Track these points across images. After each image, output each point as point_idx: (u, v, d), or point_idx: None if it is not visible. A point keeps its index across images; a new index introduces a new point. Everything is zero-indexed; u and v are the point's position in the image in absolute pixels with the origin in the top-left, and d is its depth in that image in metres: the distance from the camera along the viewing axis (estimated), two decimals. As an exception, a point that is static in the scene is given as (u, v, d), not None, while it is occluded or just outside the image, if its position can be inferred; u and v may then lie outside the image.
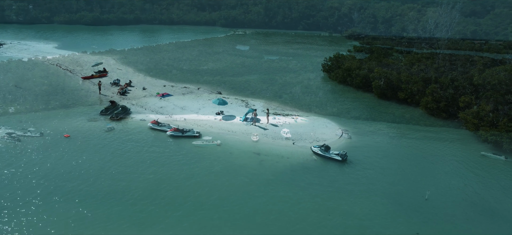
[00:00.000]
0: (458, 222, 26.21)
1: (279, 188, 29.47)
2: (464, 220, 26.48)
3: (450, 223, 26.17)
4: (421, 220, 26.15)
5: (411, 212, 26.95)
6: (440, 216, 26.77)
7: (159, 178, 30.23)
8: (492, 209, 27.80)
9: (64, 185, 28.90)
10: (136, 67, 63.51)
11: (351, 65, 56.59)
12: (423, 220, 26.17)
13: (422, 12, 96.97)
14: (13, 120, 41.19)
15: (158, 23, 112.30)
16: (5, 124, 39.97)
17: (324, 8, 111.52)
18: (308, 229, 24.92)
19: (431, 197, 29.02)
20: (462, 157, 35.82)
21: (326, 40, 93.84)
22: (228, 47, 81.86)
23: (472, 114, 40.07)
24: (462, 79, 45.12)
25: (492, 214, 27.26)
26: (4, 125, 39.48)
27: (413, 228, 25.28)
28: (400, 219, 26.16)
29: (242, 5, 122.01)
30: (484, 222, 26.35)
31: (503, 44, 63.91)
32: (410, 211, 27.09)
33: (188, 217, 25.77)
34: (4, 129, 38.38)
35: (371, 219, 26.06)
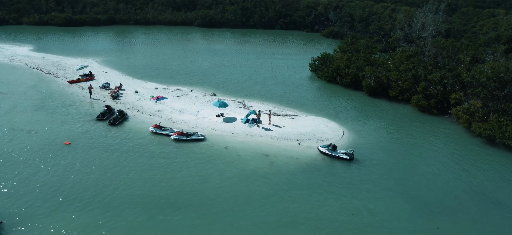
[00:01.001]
0: (472, 213, 27.58)
1: (299, 190, 29.98)
2: (477, 211, 27.91)
3: (465, 214, 27.51)
4: (438, 214, 27.30)
5: (428, 207, 28.09)
6: (454, 209, 28.07)
7: (176, 184, 30.02)
8: (500, 200, 29.40)
9: (83, 195, 28.27)
10: (121, 69, 62.13)
11: (339, 64, 57.76)
12: (440, 214, 27.33)
13: (396, 10, 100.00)
14: (5, 127, 39.49)
15: (133, 24, 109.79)
16: None
17: (300, 7, 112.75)
18: (341, 230, 25.52)
19: (441, 190, 30.34)
20: (460, 150, 37.58)
21: (306, 39, 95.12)
22: (210, 48, 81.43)
23: (463, 110, 41.97)
24: (450, 76, 47.10)
25: (500, 205, 28.83)
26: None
27: (433, 223, 26.37)
28: (419, 215, 27.21)
29: (218, 5, 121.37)
30: (495, 212, 27.85)
31: (479, 41, 67.13)
32: (426, 206, 28.22)
33: (220, 224, 25.81)
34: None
35: (394, 216, 27.03)
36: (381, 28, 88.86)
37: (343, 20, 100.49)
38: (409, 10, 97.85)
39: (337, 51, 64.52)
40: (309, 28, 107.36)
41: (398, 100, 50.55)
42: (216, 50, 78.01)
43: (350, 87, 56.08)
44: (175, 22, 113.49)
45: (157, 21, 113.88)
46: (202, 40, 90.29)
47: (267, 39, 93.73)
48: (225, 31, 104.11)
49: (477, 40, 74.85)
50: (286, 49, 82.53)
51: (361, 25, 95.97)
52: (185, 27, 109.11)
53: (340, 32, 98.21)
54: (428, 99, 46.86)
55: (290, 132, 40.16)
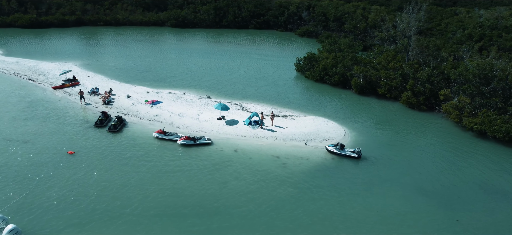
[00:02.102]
0: (485, 203, 29.41)
1: (322, 190, 30.78)
2: (488, 201, 29.79)
3: (480, 204, 29.31)
4: (455, 207, 28.93)
5: (444, 201, 29.67)
6: (468, 200, 29.81)
7: (199, 192, 29.96)
8: (504, 190, 31.49)
9: (111, 208, 27.73)
10: (105, 73, 60.40)
11: (326, 64, 59.12)
12: (456, 207, 28.97)
13: (367, 9, 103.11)
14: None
15: (103, 25, 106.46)
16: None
17: (273, 7, 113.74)
18: (378, 228, 26.49)
19: (451, 183, 32.08)
20: (457, 144, 39.78)
21: (283, 39, 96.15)
22: (191, 49, 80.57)
23: (453, 106, 44.35)
24: (437, 74, 49.52)
25: (505, 194, 30.91)
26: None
27: (453, 215, 27.93)
28: (438, 208, 28.70)
29: (189, 4, 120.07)
30: (503, 201, 29.84)
31: (453, 39, 70.75)
32: (442, 200, 29.79)
33: (258, 229, 26.11)
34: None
35: (416, 211, 28.41)
36: (356, 27, 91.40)
37: (317, 19, 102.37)
38: (379, 9, 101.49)
39: (321, 51, 65.86)
40: (282, 27, 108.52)
41: (386, 98, 52.45)
42: (198, 51, 77.40)
43: (338, 86, 57.50)
44: (146, 22, 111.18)
45: (128, 22, 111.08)
46: (179, 41, 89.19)
47: (245, 39, 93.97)
48: (199, 32, 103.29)
49: (445, 38, 78.59)
50: (267, 49, 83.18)
51: (335, 24, 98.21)
52: (158, 28, 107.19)
53: (314, 31, 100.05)
54: (417, 96, 49.03)
55: (294, 132, 40.85)
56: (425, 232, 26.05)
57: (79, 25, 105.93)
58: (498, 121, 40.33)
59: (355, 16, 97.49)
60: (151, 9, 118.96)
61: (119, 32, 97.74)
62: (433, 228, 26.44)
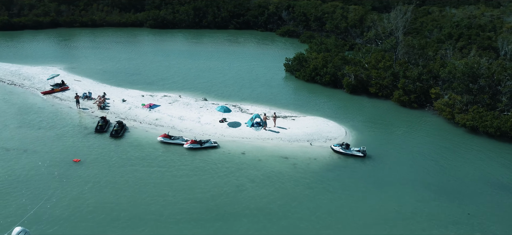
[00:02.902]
0: (491, 197, 31.04)
1: (337, 189, 31.65)
2: (493, 195, 31.45)
3: (485, 197, 30.91)
4: (464, 201, 30.40)
5: (452, 195, 31.08)
6: (473, 194, 31.36)
7: (217, 196, 30.10)
8: (504, 183, 33.32)
9: (134, 215, 27.53)
10: (93, 77, 59.03)
11: (317, 64, 60.19)
12: (465, 200, 30.45)
13: (345, 9, 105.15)
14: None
15: (79, 26, 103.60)
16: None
17: (252, 7, 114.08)
18: (390, 224, 27.49)
19: (456, 178, 33.62)
20: (453, 140, 41.63)
21: (265, 39, 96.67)
22: (175, 50, 79.75)
23: (445, 103, 46.30)
24: (425, 72, 51.49)
25: (506, 188, 32.73)
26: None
27: (464, 209, 29.36)
28: (449, 203, 30.06)
29: (167, 5, 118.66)
30: (505, 194, 31.60)
31: (433, 38, 73.55)
32: (451, 194, 31.19)
33: (281, 230, 26.61)
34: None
35: (429, 206, 29.59)
36: (337, 26, 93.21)
37: (298, 19, 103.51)
38: (357, 9, 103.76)
39: (310, 52, 66.90)
40: (263, 27, 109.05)
41: (378, 97, 53.99)
42: (184, 53, 76.73)
43: (329, 86, 58.57)
44: (124, 23, 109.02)
45: (105, 23, 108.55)
46: (162, 43, 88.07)
47: (229, 39, 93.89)
48: (179, 32, 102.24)
49: (421, 36, 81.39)
50: (252, 50, 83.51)
51: (316, 24, 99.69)
52: (136, 29, 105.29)
53: (295, 31, 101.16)
54: (408, 94, 50.79)
55: (297, 133, 41.52)
56: (442, 226, 27.24)
57: (54, 27, 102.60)
58: (489, 116, 42.47)
59: (335, 16, 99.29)
60: (128, 9, 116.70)
61: (97, 34, 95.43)
62: (448, 222, 27.71)
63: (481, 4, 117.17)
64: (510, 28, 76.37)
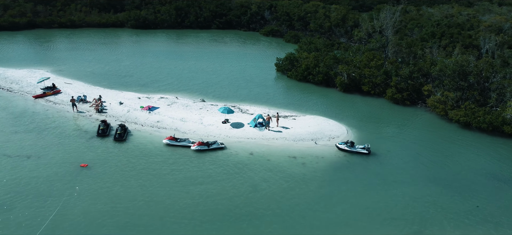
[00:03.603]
0: (495, 190, 32.60)
1: (350, 185, 32.51)
2: (494, 187, 33.08)
3: (489, 190, 32.46)
4: (470, 194, 31.83)
5: (456, 189, 32.46)
6: (477, 187, 32.86)
7: (235, 197, 30.39)
8: (503, 176, 35.05)
9: (151, 220, 27.45)
10: (83, 79, 57.77)
11: (308, 63, 61.09)
12: (472, 194, 31.89)
13: (327, 9, 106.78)
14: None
15: (58, 27, 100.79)
16: None
17: (233, 7, 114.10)
18: (408, 218, 28.57)
19: (459, 172, 35.09)
20: (447, 136, 43.32)
21: (250, 39, 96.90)
22: (162, 51, 78.59)
23: (437, 100, 48.06)
24: (416, 70, 53.23)
25: (503, 180, 34.44)
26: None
27: (471, 202, 30.75)
28: (456, 196, 31.41)
29: (147, 5, 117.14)
30: (506, 186, 33.26)
31: (417, 36, 75.91)
32: (454, 189, 32.57)
33: (305, 228, 27.23)
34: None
35: (437, 200, 30.83)
36: (321, 26, 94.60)
37: (281, 19, 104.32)
38: (339, 8, 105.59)
39: (300, 51, 67.73)
40: (245, 27, 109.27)
41: (371, 95, 55.35)
42: (173, 54, 75.99)
43: (321, 85, 59.50)
44: (104, 24, 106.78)
45: (84, 23, 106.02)
46: (148, 43, 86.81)
47: (214, 39, 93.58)
48: (162, 33, 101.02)
49: (402, 34, 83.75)
50: (239, 50, 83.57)
51: (300, 23, 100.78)
52: (117, 30, 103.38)
53: (279, 31, 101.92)
54: (401, 92, 52.37)
55: (300, 132, 42.16)
56: (455, 219, 28.49)
57: (31, 28, 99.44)
58: (480, 112, 44.43)
59: (318, 16, 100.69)
60: (107, 10, 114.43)
61: (78, 35, 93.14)
62: (459, 215, 29.00)
63: (454, 4, 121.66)
64: (487, 26, 79.72)
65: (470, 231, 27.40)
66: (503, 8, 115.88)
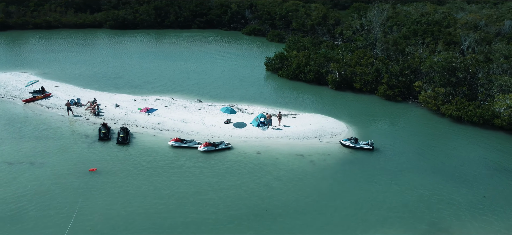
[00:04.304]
0: (492, 179, 34.22)
1: (361, 181, 33.36)
2: (493, 177, 34.72)
3: (489, 179, 34.11)
4: (474, 184, 33.27)
5: (460, 180, 33.88)
6: (480, 178, 34.39)
7: (251, 197, 30.60)
8: (501, 166, 36.81)
9: (174, 222, 27.42)
10: (73, 82, 56.14)
11: (300, 62, 61.83)
12: (474, 184, 33.34)
13: (307, 7, 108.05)
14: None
15: (33, 28, 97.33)
16: None
17: (213, 6, 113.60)
18: (422, 208, 29.65)
19: (461, 164, 36.59)
20: (441, 129, 45.00)
21: (235, 38, 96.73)
22: (148, 51, 77.23)
23: (430, 96, 49.78)
24: (406, 67, 54.91)
25: (501, 170, 36.21)
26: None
27: (477, 192, 32.16)
28: (462, 187, 32.77)
29: (125, 4, 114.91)
30: (504, 176, 34.97)
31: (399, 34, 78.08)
32: (458, 180, 33.97)
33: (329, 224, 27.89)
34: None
35: (444, 191, 32.08)
36: (303, 25, 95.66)
37: (263, 18, 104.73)
38: (319, 8, 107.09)
39: (288, 50, 68.33)
40: (227, 26, 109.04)
41: (362, 92, 56.63)
42: (158, 54, 74.94)
43: (312, 83, 60.31)
44: (82, 24, 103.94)
45: (60, 24, 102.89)
46: (130, 44, 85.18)
47: (198, 39, 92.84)
48: (143, 33, 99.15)
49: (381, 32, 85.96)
50: (226, 49, 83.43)
51: (282, 22, 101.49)
52: (96, 30, 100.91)
53: (261, 30, 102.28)
54: (393, 88, 53.88)
55: (303, 130, 42.72)
56: (464, 209, 29.77)
57: (5, 29, 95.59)
58: (471, 106, 46.38)
59: (299, 15, 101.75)
60: (83, 10, 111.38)
61: (57, 36, 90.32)
62: (468, 205, 30.30)
63: (427, 2, 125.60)
64: (464, 24, 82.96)
65: (487, 221, 28.58)
66: (472, 5, 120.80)
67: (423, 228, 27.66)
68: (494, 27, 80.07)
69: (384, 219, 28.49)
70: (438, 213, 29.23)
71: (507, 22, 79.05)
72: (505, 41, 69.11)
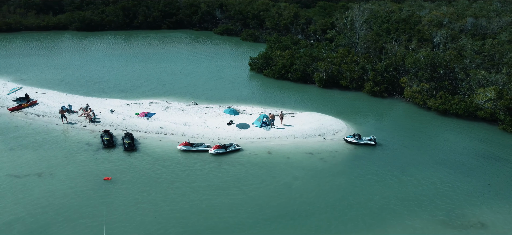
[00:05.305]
0: (491, 167, 36.88)
1: (371, 175, 34.72)
2: (491, 165, 37.40)
3: (488, 168, 36.70)
4: (476, 174, 35.73)
5: (462, 170, 36.25)
6: (480, 168, 36.92)
7: (274, 197, 31.10)
8: (495, 155, 39.69)
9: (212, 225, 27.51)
10: (57, 88, 53.70)
11: (285, 61, 62.91)
12: (476, 174, 35.82)
13: (277, 7, 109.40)
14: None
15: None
16: None
17: (183, 6, 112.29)
18: (438, 197, 31.56)
19: (459, 154, 39.07)
20: (430, 123, 47.67)
21: (210, 38, 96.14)
22: (127, 53, 75.18)
23: (415, 91, 52.49)
24: (390, 64, 57.49)
25: (497, 159, 39.09)
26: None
27: (482, 180, 34.58)
28: (466, 177, 35.07)
29: (89, 5, 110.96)
30: (501, 165, 37.80)
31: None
32: (461, 169, 36.35)
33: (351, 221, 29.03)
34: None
35: (452, 181, 34.21)
36: (277, 24, 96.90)
37: (235, 17, 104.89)
38: (289, 7, 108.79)
39: (270, 49, 69.13)
40: (198, 26, 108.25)
41: (349, 89, 58.62)
42: (138, 56, 73.08)
43: (299, 82, 61.60)
44: (45, 26, 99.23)
45: (22, 26, 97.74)
46: (104, 46, 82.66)
47: (173, 40, 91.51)
48: (112, 34, 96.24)
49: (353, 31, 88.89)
50: (203, 50, 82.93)
51: (254, 22, 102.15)
52: (62, 32, 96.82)
53: (234, 30, 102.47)
54: (378, 85, 56.23)
55: (305, 129, 43.74)
56: (475, 197, 31.97)
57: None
58: (455, 100, 49.45)
59: (270, 14, 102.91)
60: (45, 11, 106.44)
61: (22, 39, 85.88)
62: (477, 194, 32.51)
63: (387, 0, 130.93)
64: (429, 21, 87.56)
65: (496, 206, 30.82)
66: (429, 3, 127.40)
67: (442, 215, 29.46)
68: (458, 24, 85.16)
69: (409, 208, 30.05)
70: (453, 201, 31.19)
71: (469, 19, 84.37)
72: (469, 37, 73.84)
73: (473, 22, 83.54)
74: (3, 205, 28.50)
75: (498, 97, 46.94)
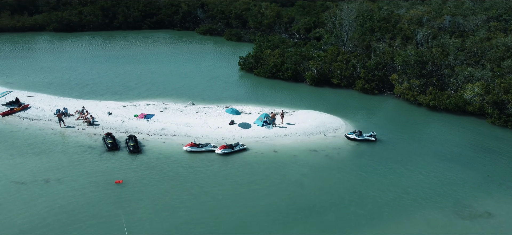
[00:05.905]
0: (486, 160, 38.64)
1: (377, 171, 35.72)
2: (485, 157, 39.17)
3: (482, 160, 38.44)
4: (476, 166, 37.37)
5: (462, 162, 37.86)
6: (478, 160, 38.60)
7: (284, 193, 31.62)
8: (487, 148, 41.56)
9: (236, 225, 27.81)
10: (46, 91, 52.09)
11: (276, 61, 63.48)
12: (476, 165, 37.46)
13: (258, 6, 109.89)
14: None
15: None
16: None
17: (163, 6, 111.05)
18: (445, 187, 32.93)
19: (455, 147, 40.67)
20: (423, 118, 49.40)
21: (193, 38, 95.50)
22: (115, 55, 73.78)
23: (406, 88, 54.14)
24: (380, 62, 59.01)
25: (490, 151, 40.97)
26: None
27: (481, 172, 36.18)
28: (466, 169, 36.63)
29: (65, 5, 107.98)
30: (495, 157, 39.64)
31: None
32: (460, 162, 37.95)
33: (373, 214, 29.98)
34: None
35: (453, 173, 35.67)
36: (260, 23, 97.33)
37: (217, 17, 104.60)
38: (271, 6, 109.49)
39: (259, 49, 69.52)
40: (179, 26, 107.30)
41: (340, 87, 59.79)
42: (125, 57, 71.81)
43: (290, 80, 62.32)
44: (21, 28, 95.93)
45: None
46: (87, 47, 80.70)
47: (156, 41, 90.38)
48: (92, 35, 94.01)
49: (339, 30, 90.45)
50: (189, 50, 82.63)
51: (237, 21, 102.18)
52: (39, 33, 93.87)
53: (216, 29, 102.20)
54: (369, 82, 57.64)
55: (306, 127, 44.42)
56: (477, 189, 33.47)
57: None
58: (444, 95, 51.37)
59: (252, 13, 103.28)
60: (20, 12, 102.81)
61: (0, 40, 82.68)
62: (478, 185, 34.05)
63: None
64: (409, 19, 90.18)
65: (497, 196, 32.40)
66: (403, 2, 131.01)
67: (451, 205, 30.79)
68: (436, 22, 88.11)
69: (421, 200, 31.20)
70: (458, 192, 32.56)
71: (447, 18, 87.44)
72: (448, 35, 76.62)
73: (450, 20, 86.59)
74: (15, 213, 27.68)
75: (485, 93, 49.06)
